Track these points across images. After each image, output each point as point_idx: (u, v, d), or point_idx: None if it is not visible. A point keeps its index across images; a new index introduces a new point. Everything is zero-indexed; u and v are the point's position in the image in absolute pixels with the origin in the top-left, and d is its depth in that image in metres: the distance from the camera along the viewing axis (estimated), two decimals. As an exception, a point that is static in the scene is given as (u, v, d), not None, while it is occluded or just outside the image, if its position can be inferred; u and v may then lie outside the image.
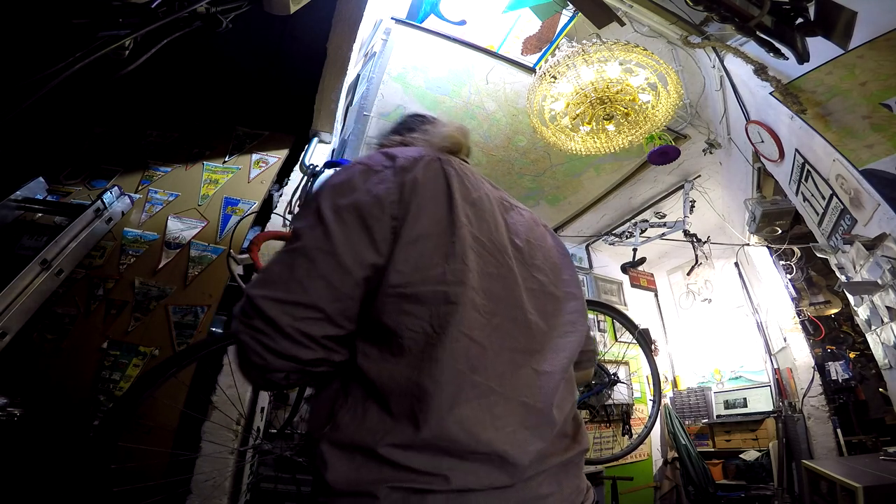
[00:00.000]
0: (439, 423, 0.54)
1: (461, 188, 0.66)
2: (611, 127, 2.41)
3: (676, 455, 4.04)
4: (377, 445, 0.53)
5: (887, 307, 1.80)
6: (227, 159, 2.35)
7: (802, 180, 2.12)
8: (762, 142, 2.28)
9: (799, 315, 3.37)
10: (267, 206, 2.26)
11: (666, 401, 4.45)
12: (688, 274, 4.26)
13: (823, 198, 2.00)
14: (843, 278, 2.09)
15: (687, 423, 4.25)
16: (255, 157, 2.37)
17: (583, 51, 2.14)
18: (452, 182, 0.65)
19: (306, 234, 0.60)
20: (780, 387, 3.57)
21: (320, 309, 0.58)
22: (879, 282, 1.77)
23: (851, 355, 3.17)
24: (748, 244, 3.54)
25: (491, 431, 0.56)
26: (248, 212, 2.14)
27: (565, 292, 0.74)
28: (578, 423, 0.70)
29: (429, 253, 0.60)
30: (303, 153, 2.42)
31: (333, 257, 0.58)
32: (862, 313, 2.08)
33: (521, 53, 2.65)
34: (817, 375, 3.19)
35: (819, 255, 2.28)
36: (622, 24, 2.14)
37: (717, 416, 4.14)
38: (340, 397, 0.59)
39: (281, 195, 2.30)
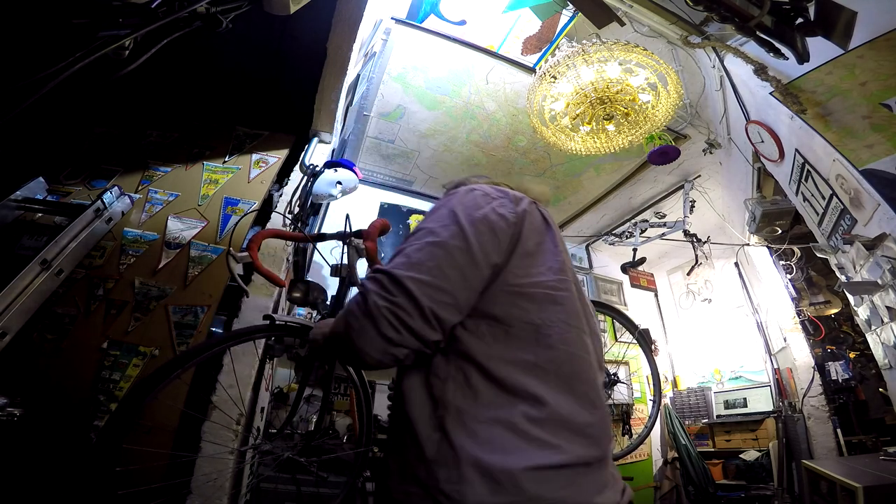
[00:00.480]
0: (557, 398, 0.63)
1: (554, 226, 0.82)
2: (611, 127, 2.41)
3: (676, 455, 4.04)
4: (512, 417, 0.61)
5: (887, 307, 1.80)
6: (227, 159, 2.34)
7: (802, 180, 2.12)
8: (762, 142, 2.28)
9: (799, 315, 3.37)
10: (267, 206, 2.26)
11: (666, 401, 4.44)
12: (688, 274, 4.26)
13: (823, 198, 2.00)
14: (843, 278, 2.09)
15: (687, 423, 4.25)
16: (255, 157, 2.37)
17: (583, 51, 2.14)
18: (549, 220, 0.82)
19: (443, 232, 0.70)
20: (780, 387, 3.57)
21: (455, 296, 0.66)
22: (879, 282, 1.77)
23: (851, 355, 3.17)
24: (748, 244, 3.54)
25: (592, 409, 0.67)
26: (248, 211, 2.14)
27: (597, 328, 0.87)
28: None
29: (537, 265, 0.74)
30: (303, 153, 2.42)
31: (469, 254, 0.68)
32: (862, 313, 2.08)
33: (521, 53, 2.65)
34: (817, 375, 3.19)
35: (819, 255, 2.29)
36: (622, 24, 2.14)
37: (717, 416, 4.14)
38: (437, 382, 0.66)
39: (281, 195, 2.30)
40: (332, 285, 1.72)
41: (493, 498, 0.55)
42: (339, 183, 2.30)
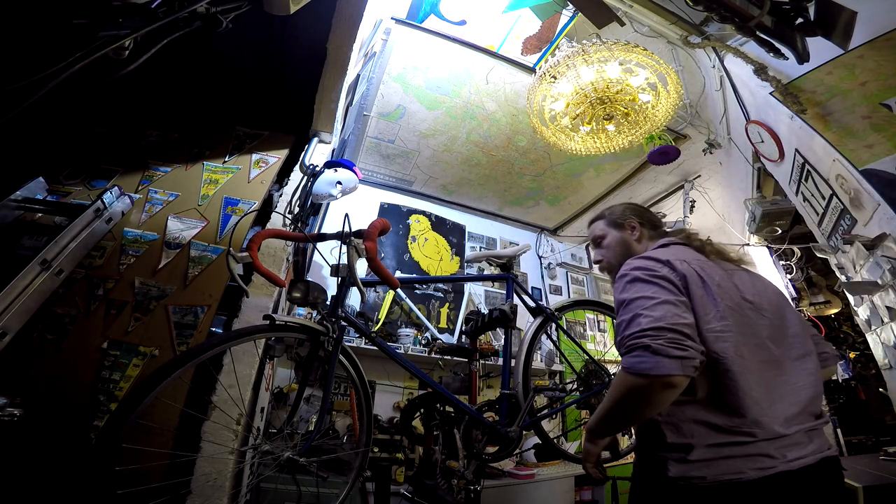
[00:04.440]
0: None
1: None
2: (611, 127, 2.41)
3: (676, 455, 4.04)
4: None
5: (887, 307, 1.80)
6: (227, 159, 2.34)
7: (802, 180, 2.12)
8: (762, 142, 2.28)
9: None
10: (267, 206, 2.26)
11: (666, 401, 4.44)
12: (688, 274, 4.25)
13: (823, 198, 2.00)
14: (843, 278, 2.09)
15: (687, 423, 4.24)
16: (255, 157, 2.37)
17: (583, 51, 2.14)
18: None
19: None
20: (780, 387, 3.56)
21: None
22: (879, 282, 1.77)
23: (851, 355, 3.18)
24: (748, 244, 3.54)
25: None
26: (248, 211, 2.14)
27: (789, 324, 1.05)
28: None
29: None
30: (303, 153, 2.42)
31: None
32: (862, 313, 2.08)
33: (521, 53, 2.65)
34: (817, 375, 3.19)
35: (819, 255, 2.28)
36: (622, 24, 2.14)
37: (717, 416, 4.14)
38: None
39: (281, 195, 2.30)
40: (331, 285, 1.72)
41: None
42: (339, 183, 2.30)
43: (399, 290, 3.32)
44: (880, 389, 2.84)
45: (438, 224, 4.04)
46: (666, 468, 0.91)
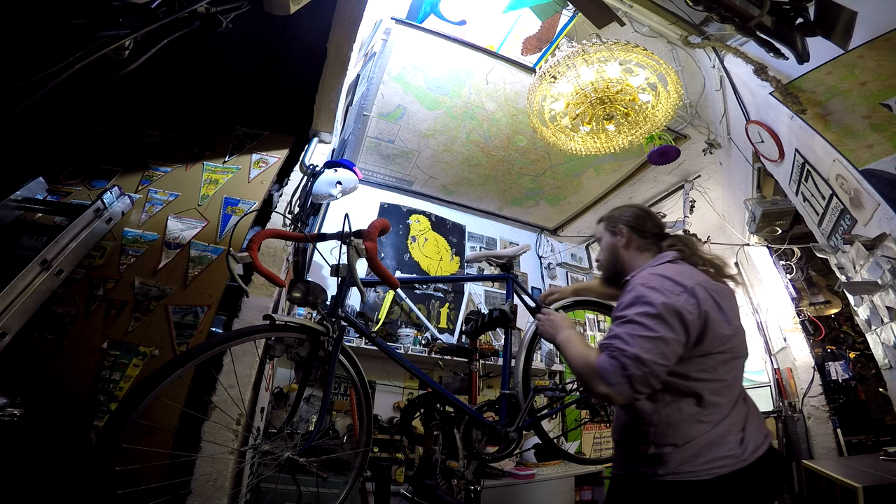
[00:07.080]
0: None
1: None
2: (611, 127, 2.41)
3: (676, 455, 4.04)
4: None
5: (887, 307, 1.80)
6: (227, 159, 2.34)
7: (802, 180, 2.12)
8: (762, 142, 2.28)
9: (799, 315, 3.37)
10: (267, 206, 2.26)
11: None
12: (688, 274, 4.25)
13: (823, 198, 2.00)
14: (843, 278, 2.09)
15: (687, 423, 4.24)
16: (255, 157, 2.37)
17: (583, 51, 2.14)
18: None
19: None
20: (780, 387, 3.57)
21: None
22: (879, 282, 1.77)
23: (851, 355, 3.17)
24: (748, 244, 3.54)
25: None
26: (248, 211, 2.14)
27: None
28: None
29: None
30: (303, 153, 2.42)
31: None
32: (862, 313, 2.08)
33: (521, 53, 2.65)
34: (817, 375, 3.19)
35: (819, 255, 2.28)
36: (622, 24, 2.14)
37: (717, 416, 4.13)
38: None
39: (281, 195, 2.30)
40: (331, 285, 1.72)
41: None
42: (339, 183, 2.30)
43: (399, 290, 3.32)
44: (880, 389, 2.84)
45: (438, 224, 4.04)
46: (659, 466, 1.01)
